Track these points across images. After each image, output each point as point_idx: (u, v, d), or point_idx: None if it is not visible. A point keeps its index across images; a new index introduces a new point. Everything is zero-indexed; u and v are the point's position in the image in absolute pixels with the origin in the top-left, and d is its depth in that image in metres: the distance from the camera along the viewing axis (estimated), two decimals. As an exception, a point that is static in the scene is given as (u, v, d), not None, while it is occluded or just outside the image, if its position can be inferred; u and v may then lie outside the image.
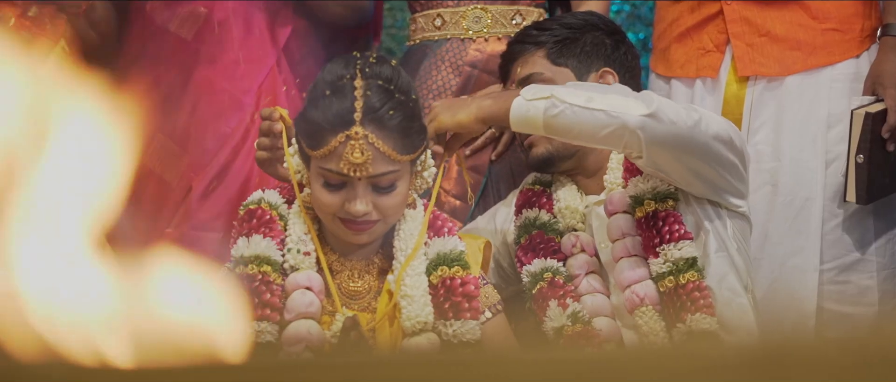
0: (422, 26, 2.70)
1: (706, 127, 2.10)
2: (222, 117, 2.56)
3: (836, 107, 2.60)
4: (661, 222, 2.17)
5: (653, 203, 2.19)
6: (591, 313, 2.22)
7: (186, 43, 2.59)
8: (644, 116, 2.04)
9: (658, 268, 2.16)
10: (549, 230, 2.31)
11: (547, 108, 2.05)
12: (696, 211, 2.20)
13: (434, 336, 2.02)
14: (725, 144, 2.13)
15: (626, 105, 2.06)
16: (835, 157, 2.58)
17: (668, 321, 2.15)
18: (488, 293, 2.13)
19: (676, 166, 2.14)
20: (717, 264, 2.17)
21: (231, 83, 2.57)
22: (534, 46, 2.39)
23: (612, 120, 2.04)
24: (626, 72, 2.40)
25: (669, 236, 2.16)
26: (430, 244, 2.10)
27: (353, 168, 1.96)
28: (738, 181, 2.19)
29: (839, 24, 2.62)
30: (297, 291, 2.03)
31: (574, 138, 2.11)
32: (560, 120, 2.05)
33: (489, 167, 2.63)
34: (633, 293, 2.18)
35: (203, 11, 2.59)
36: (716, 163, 2.14)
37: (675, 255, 2.15)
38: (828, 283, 2.58)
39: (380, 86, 1.99)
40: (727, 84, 2.65)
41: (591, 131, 2.06)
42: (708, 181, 2.17)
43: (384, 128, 1.97)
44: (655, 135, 2.05)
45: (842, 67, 2.62)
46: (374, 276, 2.11)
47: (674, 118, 2.06)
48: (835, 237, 2.58)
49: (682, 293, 2.13)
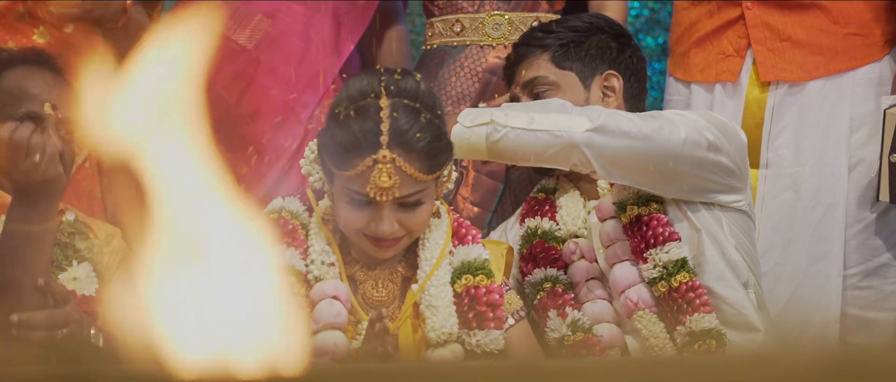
0: (440, 31, 2.70)
1: (670, 133, 2.08)
2: (280, 129, 2.55)
3: (859, 111, 2.59)
4: (646, 226, 2.15)
5: (635, 208, 2.17)
6: (592, 320, 2.21)
7: (246, 51, 2.57)
8: (588, 131, 2.04)
9: (649, 273, 2.15)
10: (550, 239, 2.31)
11: (488, 133, 2.06)
12: (685, 211, 2.18)
13: (458, 347, 2.01)
14: (700, 146, 2.10)
15: (570, 122, 2.05)
16: (858, 161, 2.57)
17: (668, 324, 2.14)
18: (511, 299, 2.11)
19: (641, 176, 2.12)
20: (712, 262, 2.15)
21: (290, 96, 2.56)
22: (539, 49, 2.38)
23: (556, 139, 2.04)
24: (631, 75, 2.40)
25: (654, 240, 2.14)
26: (454, 252, 2.08)
27: (381, 193, 1.94)
28: (727, 178, 2.16)
29: (860, 29, 2.61)
30: (324, 301, 2.01)
31: (520, 161, 2.12)
32: (503, 144, 2.06)
33: (506, 173, 2.62)
34: (627, 299, 2.17)
35: (267, 21, 2.58)
36: (691, 166, 2.11)
37: (663, 258, 2.14)
38: (851, 288, 2.57)
39: (406, 106, 1.95)
40: (748, 88, 2.64)
41: (537, 152, 2.06)
42: (686, 185, 2.15)
43: (412, 151, 1.94)
44: (604, 149, 2.05)
45: (864, 71, 2.61)
46: (398, 285, 2.10)
47: (625, 129, 2.06)
48: (858, 242, 2.57)
49: (676, 295, 2.12)
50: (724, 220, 2.18)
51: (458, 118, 2.08)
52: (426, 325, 2.01)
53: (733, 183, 2.17)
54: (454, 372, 1.03)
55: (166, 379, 0.86)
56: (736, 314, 2.13)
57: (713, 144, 2.11)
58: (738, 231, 2.19)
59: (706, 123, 2.13)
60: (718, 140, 2.12)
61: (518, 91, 2.40)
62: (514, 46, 2.45)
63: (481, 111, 2.10)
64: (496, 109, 2.10)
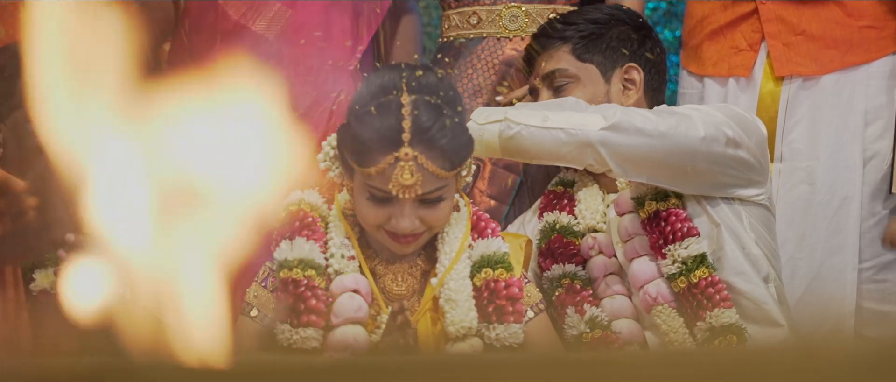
0: (456, 24, 2.69)
1: (687, 130, 2.06)
2: (300, 121, 2.54)
3: (873, 104, 2.59)
4: (664, 221, 2.14)
5: (654, 203, 2.16)
6: (611, 316, 2.20)
7: (267, 41, 2.57)
8: (603, 129, 2.03)
9: (668, 269, 2.14)
10: (568, 234, 2.29)
11: (502, 130, 2.05)
12: (705, 206, 2.17)
13: (478, 341, 2.01)
14: (719, 142, 2.09)
15: (584, 120, 2.04)
16: (873, 154, 2.57)
17: (688, 320, 2.14)
18: (530, 291, 2.11)
19: (658, 173, 2.11)
20: (732, 257, 2.15)
21: (310, 87, 2.56)
22: (559, 41, 2.37)
23: (571, 137, 2.03)
24: (652, 68, 2.38)
25: (673, 236, 2.13)
26: (473, 245, 2.08)
27: (403, 190, 1.93)
28: (746, 173, 2.15)
29: (875, 22, 2.61)
30: (345, 295, 2.01)
31: (534, 159, 2.11)
32: (517, 142, 2.05)
33: (524, 166, 2.62)
34: (645, 294, 2.16)
35: (289, 12, 2.58)
36: (710, 163, 2.10)
37: (682, 254, 2.13)
38: (867, 282, 2.57)
39: (428, 102, 1.94)
40: (762, 82, 2.64)
41: (551, 151, 2.05)
42: (705, 181, 2.14)
43: (434, 148, 1.93)
44: (619, 147, 2.04)
45: (878, 64, 2.61)
46: (417, 278, 2.09)
47: (641, 127, 2.04)
48: (873, 236, 2.57)
49: (696, 291, 2.11)
50: (743, 214, 2.17)
51: (472, 116, 2.07)
52: (445, 319, 2.01)
53: (753, 177, 2.16)
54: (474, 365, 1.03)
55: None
56: (756, 309, 2.13)
57: (732, 139, 2.10)
58: (759, 225, 2.18)
59: (724, 117, 2.12)
60: (737, 135, 2.11)
61: (537, 83, 2.39)
62: (534, 37, 2.44)
63: (495, 110, 2.09)
64: (510, 108, 2.09)
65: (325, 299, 2.01)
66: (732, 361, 1.00)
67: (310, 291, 1.99)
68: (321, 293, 2.00)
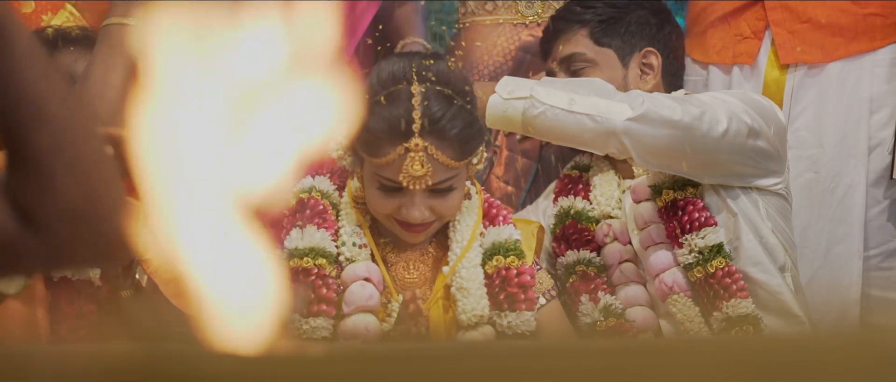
0: (472, 10, 2.67)
1: (711, 123, 2.05)
2: None
3: (879, 92, 2.58)
4: (682, 211, 2.14)
5: (671, 192, 2.16)
6: (625, 303, 2.19)
7: None
8: (629, 119, 2.01)
9: (684, 259, 2.14)
10: (583, 219, 2.28)
11: (526, 108, 2.02)
12: (722, 195, 2.17)
13: (490, 329, 2.00)
14: (741, 134, 2.08)
15: (610, 108, 2.02)
16: (878, 142, 2.57)
17: (704, 309, 2.13)
18: (542, 278, 2.11)
19: (679, 164, 2.10)
20: (749, 247, 2.14)
21: None
22: (577, 25, 2.35)
23: (596, 124, 2.02)
24: (670, 52, 2.37)
25: (690, 225, 2.13)
26: (485, 233, 2.07)
27: (414, 181, 1.93)
28: (765, 162, 2.15)
29: (880, 9, 2.60)
30: (357, 283, 2.00)
31: (555, 140, 2.09)
32: (540, 121, 2.02)
33: (540, 152, 2.59)
34: (661, 282, 2.16)
35: None
36: (731, 154, 2.10)
37: (699, 244, 2.12)
38: (872, 270, 2.57)
39: (438, 92, 1.93)
40: (767, 70, 2.64)
41: (573, 135, 2.03)
42: (725, 172, 2.14)
43: (444, 138, 1.92)
44: (643, 139, 2.03)
45: (884, 51, 2.60)
46: (429, 266, 2.09)
47: (666, 118, 2.03)
48: (879, 224, 2.57)
49: (712, 281, 2.11)
50: (761, 203, 2.16)
51: (497, 88, 2.04)
52: (457, 308, 2.01)
53: (771, 167, 2.16)
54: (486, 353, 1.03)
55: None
56: (772, 300, 2.12)
57: (754, 129, 2.09)
58: (776, 214, 2.18)
59: (744, 105, 2.11)
60: (758, 124, 2.10)
61: (555, 66, 2.37)
62: (552, 19, 2.42)
63: (521, 83, 2.06)
64: (537, 84, 2.06)
65: (336, 288, 2.00)
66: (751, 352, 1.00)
67: (321, 280, 1.98)
68: (332, 282, 1.99)
